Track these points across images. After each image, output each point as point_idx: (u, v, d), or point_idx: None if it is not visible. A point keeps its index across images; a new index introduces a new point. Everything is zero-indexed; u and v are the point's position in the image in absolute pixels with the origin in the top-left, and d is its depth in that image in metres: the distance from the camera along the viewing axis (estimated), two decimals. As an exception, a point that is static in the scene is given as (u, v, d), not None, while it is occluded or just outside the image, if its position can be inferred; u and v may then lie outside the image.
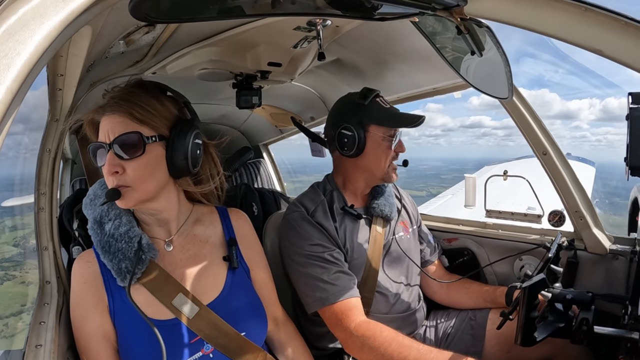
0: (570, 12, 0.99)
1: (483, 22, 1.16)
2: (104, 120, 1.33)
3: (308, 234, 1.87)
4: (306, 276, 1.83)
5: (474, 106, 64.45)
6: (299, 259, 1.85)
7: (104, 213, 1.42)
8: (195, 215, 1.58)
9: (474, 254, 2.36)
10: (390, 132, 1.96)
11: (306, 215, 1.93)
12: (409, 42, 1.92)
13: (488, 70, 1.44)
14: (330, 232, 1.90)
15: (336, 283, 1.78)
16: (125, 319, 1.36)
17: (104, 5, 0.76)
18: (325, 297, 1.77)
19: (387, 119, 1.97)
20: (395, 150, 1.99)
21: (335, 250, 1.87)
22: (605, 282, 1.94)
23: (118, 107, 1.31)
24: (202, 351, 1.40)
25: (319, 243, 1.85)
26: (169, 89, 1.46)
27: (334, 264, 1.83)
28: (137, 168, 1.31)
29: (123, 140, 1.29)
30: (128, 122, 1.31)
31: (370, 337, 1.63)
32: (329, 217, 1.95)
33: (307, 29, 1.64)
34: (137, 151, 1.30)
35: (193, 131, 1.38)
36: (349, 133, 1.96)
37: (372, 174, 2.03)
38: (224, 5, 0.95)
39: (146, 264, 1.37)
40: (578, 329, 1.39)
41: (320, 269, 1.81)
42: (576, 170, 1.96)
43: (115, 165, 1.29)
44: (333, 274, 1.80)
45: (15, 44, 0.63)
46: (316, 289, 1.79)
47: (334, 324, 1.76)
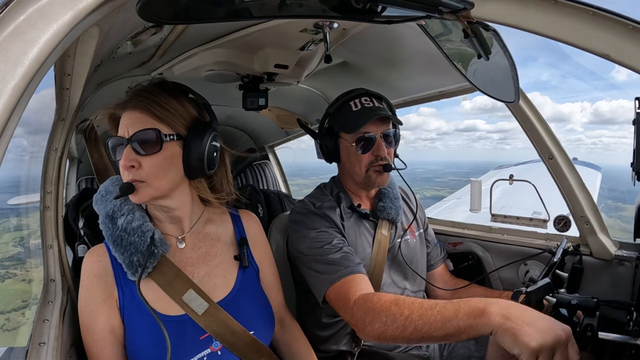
0: (577, 16, 0.99)
1: (490, 25, 1.16)
2: (124, 116, 1.36)
3: (315, 224, 1.86)
4: (313, 261, 1.80)
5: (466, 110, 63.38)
6: (306, 247, 1.83)
7: (117, 208, 1.43)
8: (207, 215, 1.59)
9: (479, 258, 2.35)
10: (356, 137, 1.90)
11: (313, 208, 1.93)
12: (416, 45, 1.91)
13: (495, 74, 1.43)
14: (337, 223, 1.89)
15: (341, 262, 1.74)
16: (134, 313, 1.37)
17: (112, 6, 0.76)
18: (330, 276, 1.72)
19: (349, 123, 1.92)
20: (373, 153, 1.92)
21: (341, 237, 1.86)
22: (611, 288, 1.93)
23: (138, 104, 1.34)
24: (210, 348, 1.41)
25: (326, 231, 1.84)
26: (191, 90, 1.48)
27: (339, 246, 1.80)
28: (153, 164, 1.33)
29: (141, 136, 1.31)
30: (147, 119, 1.33)
31: (370, 309, 1.51)
32: (336, 212, 1.94)
33: (313, 31, 1.65)
34: (154, 148, 1.32)
35: (211, 133, 1.40)
36: (319, 142, 2.00)
37: (353, 179, 2.01)
38: (231, 7, 0.95)
39: (157, 258, 1.38)
40: (582, 334, 1.38)
41: (326, 251, 1.78)
42: (582, 175, 1.95)
43: (132, 159, 1.31)
44: (339, 252, 1.77)
45: (23, 43, 0.64)
46: (323, 271, 1.75)
47: (340, 307, 1.68)
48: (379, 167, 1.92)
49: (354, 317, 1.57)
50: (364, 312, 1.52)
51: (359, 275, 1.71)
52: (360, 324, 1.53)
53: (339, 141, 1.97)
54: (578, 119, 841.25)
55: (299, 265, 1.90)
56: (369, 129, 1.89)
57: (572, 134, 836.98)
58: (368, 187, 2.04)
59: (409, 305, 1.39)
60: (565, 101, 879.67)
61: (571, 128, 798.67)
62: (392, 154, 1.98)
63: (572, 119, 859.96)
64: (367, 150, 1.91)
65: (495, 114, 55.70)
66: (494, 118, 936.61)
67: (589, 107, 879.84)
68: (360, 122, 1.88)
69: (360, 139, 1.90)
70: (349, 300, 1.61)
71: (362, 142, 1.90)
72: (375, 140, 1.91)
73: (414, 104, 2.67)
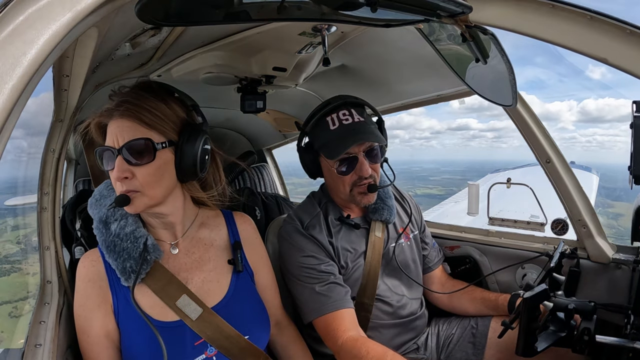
0: (575, 21, 0.99)
1: (488, 29, 1.16)
2: (113, 124, 1.33)
3: (301, 247, 1.85)
4: (301, 287, 1.82)
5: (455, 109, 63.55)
6: (293, 270, 1.85)
7: (110, 213, 1.42)
8: (201, 219, 1.58)
9: (476, 262, 2.35)
10: (337, 160, 1.83)
11: (300, 228, 1.90)
12: (414, 49, 1.91)
13: (492, 78, 1.44)
14: (324, 245, 1.87)
15: (328, 294, 1.77)
16: (129, 319, 1.37)
17: (111, 7, 0.76)
18: (317, 307, 1.76)
19: (326, 146, 1.84)
20: (356, 173, 1.84)
21: (329, 262, 1.85)
22: (608, 292, 1.93)
23: (127, 112, 1.31)
24: (205, 354, 1.41)
25: (312, 255, 1.83)
26: (177, 90, 1.46)
27: (327, 275, 1.81)
28: (147, 174, 1.31)
29: (133, 146, 1.29)
30: (137, 127, 1.30)
31: (356, 356, 1.59)
32: (323, 230, 1.91)
33: (312, 34, 1.65)
34: (147, 157, 1.30)
35: (202, 137, 1.38)
36: (300, 155, 1.97)
37: (338, 197, 1.98)
38: (230, 10, 0.95)
39: (150, 264, 1.37)
40: (580, 338, 1.39)
41: (313, 280, 1.80)
42: (579, 178, 1.95)
43: (124, 170, 1.29)
44: (326, 285, 1.79)
45: (22, 44, 0.64)
46: (309, 300, 1.79)
47: (325, 336, 1.75)
48: (364, 187, 1.86)
49: (338, 354, 1.69)
50: (350, 356, 1.62)
51: (345, 311, 1.76)
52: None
53: (320, 159, 1.92)
54: (567, 118, 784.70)
55: (287, 283, 1.91)
56: (351, 150, 1.80)
57: (565, 132, 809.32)
58: (355, 204, 1.99)
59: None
60: (555, 100, 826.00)
61: (562, 127, 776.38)
62: (378, 169, 1.92)
63: (562, 118, 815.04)
64: (349, 171, 1.84)
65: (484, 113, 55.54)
66: (484, 117, 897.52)
67: (575, 105, 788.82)
68: (341, 147, 1.78)
69: (342, 160, 1.83)
70: (336, 339, 1.69)
71: (344, 163, 1.84)
72: (358, 160, 1.83)
73: (412, 107, 2.67)
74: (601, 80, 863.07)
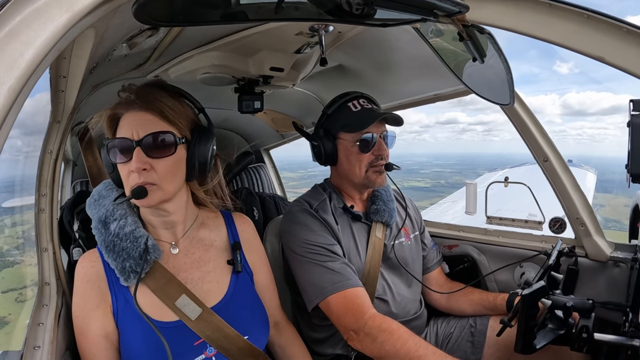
0: (572, 20, 1.00)
1: (485, 28, 1.16)
2: (129, 116, 1.33)
3: (311, 226, 1.88)
4: (312, 265, 1.81)
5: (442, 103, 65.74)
6: (303, 249, 1.84)
7: (109, 213, 1.41)
8: (201, 219, 1.58)
9: (474, 261, 2.35)
10: (358, 137, 1.92)
11: (309, 209, 1.94)
12: (411, 49, 1.92)
13: (489, 77, 1.44)
14: (332, 226, 1.90)
15: (343, 272, 1.78)
16: (128, 319, 1.36)
17: (108, 8, 0.76)
18: (331, 285, 1.75)
19: (351, 123, 1.95)
20: (373, 153, 1.95)
21: (337, 245, 1.87)
22: (606, 290, 1.93)
23: (148, 105, 1.32)
24: (204, 354, 1.40)
25: (323, 234, 1.86)
26: (187, 94, 1.48)
27: (337, 256, 1.83)
28: (166, 167, 1.32)
29: (155, 138, 1.30)
30: (158, 121, 1.32)
31: (386, 331, 1.63)
32: (330, 213, 1.96)
33: (309, 34, 1.65)
34: (168, 150, 1.32)
35: (213, 138, 1.42)
36: (316, 144, 2.00)
37: (351, 180, 2.02)
38: (227, 10, 0.95)
39: (150, 264, 1.37)
40: (578, 336, 1.39)
41: (325, 258, 1.80)
42: (577, 176, 1.96)
43: (145, 162, 1.29)
44: (339, 263, 1.80)
45: (19, 45, 0.63)
46: (322, 278, 1.78)
47: (343, 313, 1.73)
48: (380, 166, 1.95)
49: (363, 329, 1.67)
50: (378, 331, 1.63)
51: (363, 290, 1.78)
52: (368, 339, 1.65)
53: (337, 142, 1.98)
54: (551, 111, 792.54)
55: (292, 266, 1.90)
56: (371, 130, 1.92)
57: (554, 125, 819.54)
58: (366, 188, 2.05)
59: (424, 348, 1.57)
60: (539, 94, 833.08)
61: (550, 120, 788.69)
62: (389, 154, 2.01)
63: (546, 111, 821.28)
64: (368, 150, 1.94)
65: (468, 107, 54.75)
66: (470, 111, 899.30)
67: (557, 99, 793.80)
68: (366, 121, 1.90)
69: (362, 139, 1.91)
70: (363, 313, 1.69)
71: (363, 142, 1.92)
72: (376, 140, 1.93)
73: (409, 107, 2.68)
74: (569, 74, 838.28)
